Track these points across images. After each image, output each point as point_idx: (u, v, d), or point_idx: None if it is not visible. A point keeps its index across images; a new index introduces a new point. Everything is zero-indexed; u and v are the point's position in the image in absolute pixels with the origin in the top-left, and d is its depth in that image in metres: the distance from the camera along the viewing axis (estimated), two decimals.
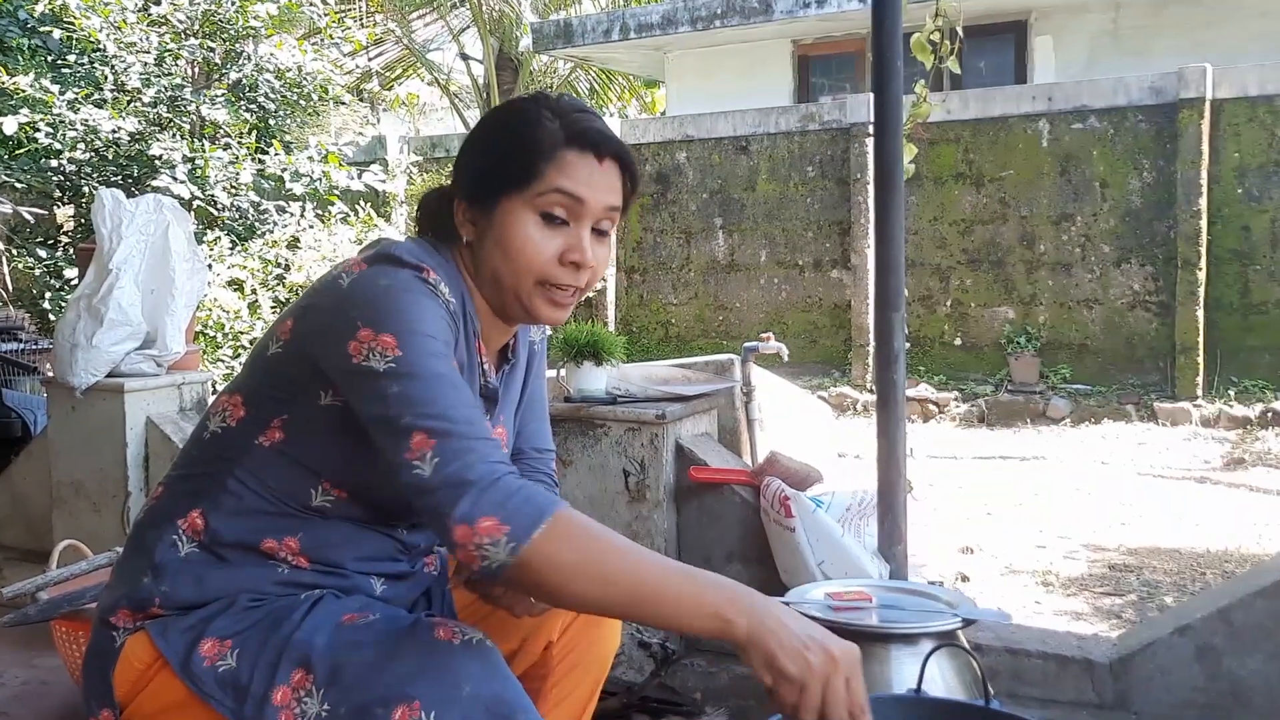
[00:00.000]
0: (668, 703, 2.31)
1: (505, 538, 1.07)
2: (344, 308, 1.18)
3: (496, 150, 1.29)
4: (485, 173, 1.29)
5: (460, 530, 1.07)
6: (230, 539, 1.25)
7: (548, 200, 1.25)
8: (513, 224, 1.26)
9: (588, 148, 1.27)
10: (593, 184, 1.27)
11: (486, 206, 1.28)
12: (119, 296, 3.06)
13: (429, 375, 1.14)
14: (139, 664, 1.22)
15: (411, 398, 1.12)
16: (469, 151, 1.33)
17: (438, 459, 1.09)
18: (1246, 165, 7.33)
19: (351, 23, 8.46)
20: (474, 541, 1.07)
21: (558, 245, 1.26)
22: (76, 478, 3.25)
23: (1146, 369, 7.65)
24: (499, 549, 1.07)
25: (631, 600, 1.08)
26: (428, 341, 1.16)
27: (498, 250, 1.27)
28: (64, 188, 6.32)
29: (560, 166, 1.25)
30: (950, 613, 1.63)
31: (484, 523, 1.07)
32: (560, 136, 1.26)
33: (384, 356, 1.14)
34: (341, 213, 7.63)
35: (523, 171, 1.25)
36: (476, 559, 1.07)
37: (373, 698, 1.11)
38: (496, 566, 1.07)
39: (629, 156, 1.31)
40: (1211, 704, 2.10)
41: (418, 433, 1.10)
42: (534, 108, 1.30)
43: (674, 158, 9.14)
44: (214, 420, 1.30)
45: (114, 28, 6.15)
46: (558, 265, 1.27)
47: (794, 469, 2.40)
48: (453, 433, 1.11)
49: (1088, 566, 4.03)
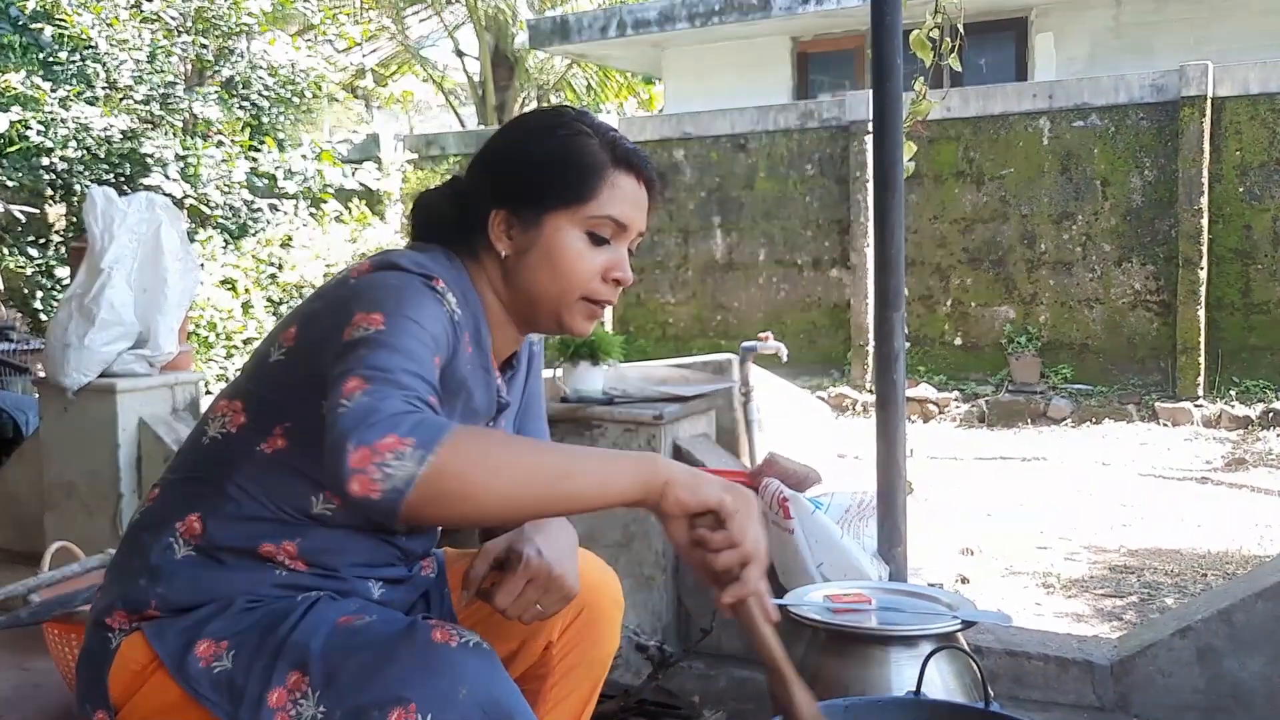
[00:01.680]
0: (665, 706, 2.29)
1: (410, 449, 0.99)
2: (345, 303, 1.18)
3: (545, 165, 1.30)
4: (536, 188, 1.29)
5: (358, 454, 0.98)
6: (228, 543, 1.24)
7: (598, 223, 1.30)
8: (561, 241, 1.29)
9: (632, 170, 1.32)
10: (637, 208, 1.33)
11: (531, 221, 1.29)
12: (111, 296, 3.04)
13: (398, 347, 1.10)
14: (134, 665, 1.22)
15: (367, 357, 1.08)
16: (505, 159, 1.33)
17: (364, 398, 1.04)
18: (1248, 163, 7.32)
19: (345, 19, 8.45)
20: (374, 460, 0.98)
21: (602, 263, 1.31)
22: (69, 479, 3.23)
23: (1148, 369, 7.64)
24: (404, 462, 0.98)
25: (554, 481, 1.07)
26: (414, 326, 1.14)
27: (544, 265, 1.29)
28: (55, 186, 6.30)
29: (611, 189, 1.30)
30: (950, 615, 1.63)
31: (385, 440, 0.99)
32: (608, 157, 1.30)
33: (367, 330, 1.12)
34: (335, 211, 7.62)
35: (577, 190, 1.28)
36: (378, 483, 0.98)
37: (369, 700, 1.10)
38: (402, 483, 0.98)
39: (657, 181, 1.37)
40: (1212, 706, 2.09)
41: (354, 378, 1.05)
42: (575, 124, 1.32)
43: (672, 156, 9.12)
44: (213, 425, 1.29)
45: (106, 24, 6.14)
46: (602, 282, 1.31)
47: (793, 470, 2.38)
48: (389, 379, 1.06)
49: (1088, 568, 4.02)
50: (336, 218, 7.62)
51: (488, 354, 1.32)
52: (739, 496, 1.11)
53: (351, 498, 1.00)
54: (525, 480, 1.06)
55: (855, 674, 1.56)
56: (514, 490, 1.05)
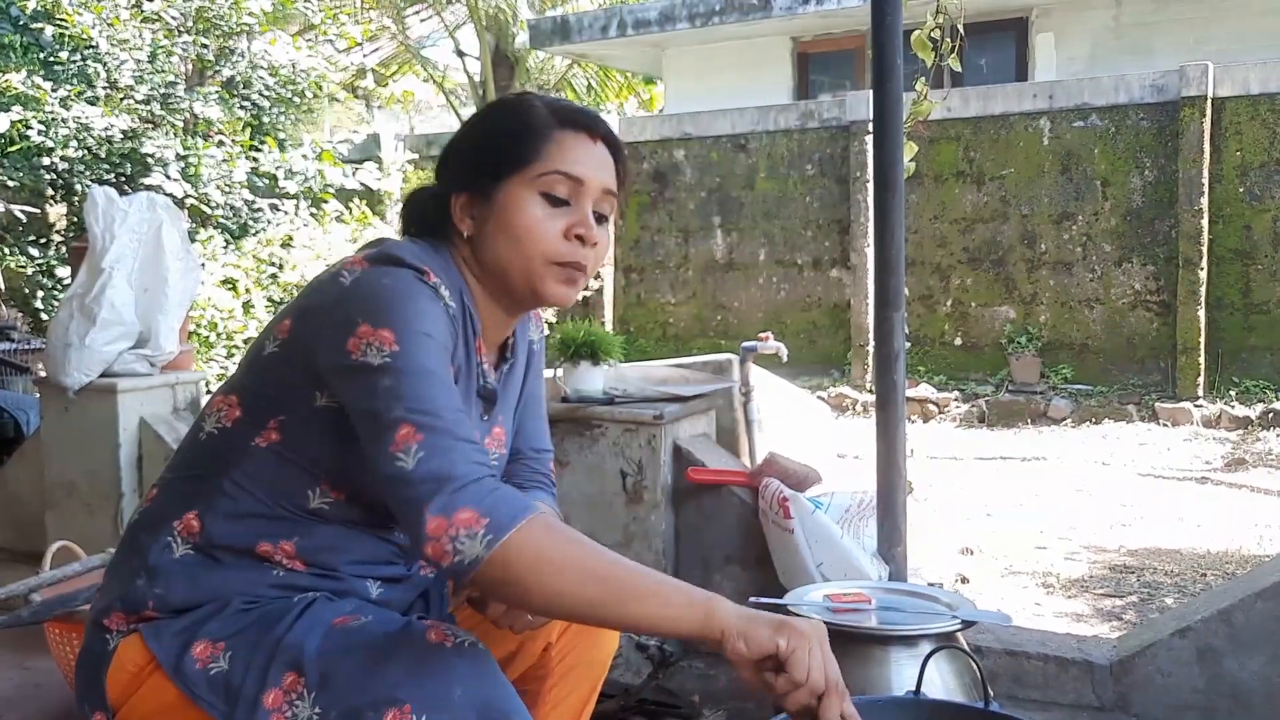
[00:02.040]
0: (665, 705, 2.29)
1: (484, 530, 1.06)
2: (344, 305, 1.18)
3: (491, 138, 1.31)
4: (481, 161, 1.29)
5: (435, 522, 1.06)
6: (225, 541, 1.24)
7: (549, 181, 1.26)
8: (516, 206, 1.27)
9: (580, 127, 1.30)
10: (590, 162, 1.29)
11: (486, 193, 1.28)
12: (112, 296, 3.04)
13: (422, 371, 1.13)
14: (132, 667, 1.22)
15: (402, 392, 1.12)
16: (459, 146, 1.34)
17: (422, 453, 1.09)
18: (1248, 164, 7.32)
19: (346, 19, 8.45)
20: (449, 533, 1.05)
21: (562, 223, 1.27)
22: (69, 479, 3.23)
23: (1148, 369, 7.63)
24: (475, 541, 1.05)
25: (610, 600, 1.07)
26: (425, 340, 1.16)
27: (502, 235, 1.27)
28: (56, 186, 6.30)
29: (558, 145, 1.27)
30: (950, 614, 1.63)
31: (462, 514, 1.06)
32: (552, 119, 1.29)
33: (381, 351, 1.13)
34: (336, 211, 7.62)
35: (521, 153, 1.27)
36: (449, 554, 1.05)
37: (364, 701, 1.10)
38: (470, 561, 1.05)
39: (616, 138, 1.34)
40: (1212, 706, 2.09)
41: (405, 425, 1.10)
42: (519, 98, 1.33)
43: (672, 156, 9.12)
44: (209, 421, 1.29)
45: (106, 24, 6.13)
46: (564, 241, 1.27)
47: (793, 470, 2.39)
48: (439, 429, 1.10)
49: (1088, 568, 4.02)
50: (337, 218, 7.62)
51: (474, 340, 1.32)
52: (794, 635, 1.07)
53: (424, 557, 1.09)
54: (582, 591, 1.07)
55: (855, 673, 1.56)
56: (570, 597, 1.08)
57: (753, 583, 2.42)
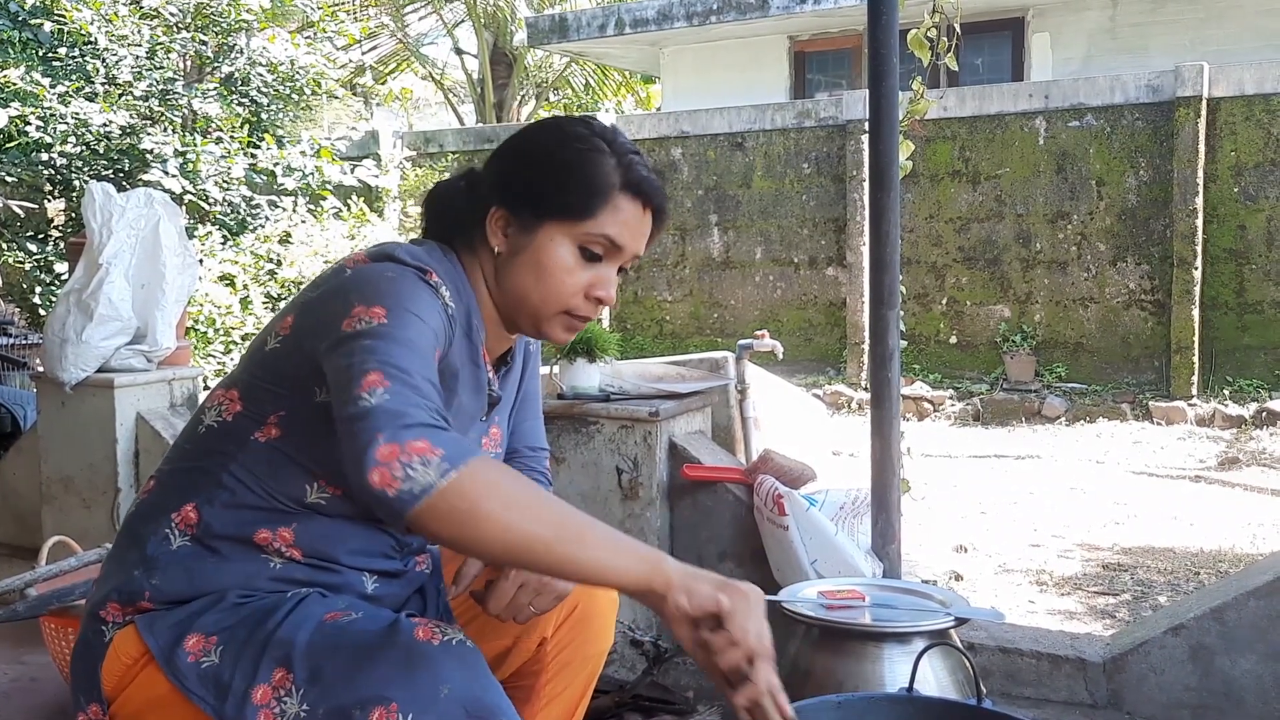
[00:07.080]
0: (660, 701, 2.30)
1: (438, 459, 1.02)
2: (343, 293, 1.19)
3: (554, 176, 1.30)
4: (539, 195, 1.29)
5: (387, 449, 1.02)
6: (223, 531, 1.24)
7: (592, 240, 1.29)
8: (551, 250, 1.29)
9: (639, 196, 1.31)
10: (635, 233, 1.32)
11: (527, 224, 1.30)
12: (109, 291, 3.04)
13: (405, 340, 1.13)
14: (126, 658, 1.22)
15: (379, 350, 1.11)
16: (521, 165, 1.33)
17: (387, 396, 1.06)
18: (1243, 164, 7.33)
19: (345, 16, 8.45)
20: (400, 459, 1.02)
21: (587, 279, 1.31)
22: (66, 473, 3.23)
23: (1142, 368, 7.65)
24: (429, 468, 1.02)
25: (560, 539, 1.06)
26: (415, 319, 1.16)
27: (529, 270, 1.29)
28: (54, 181, 6.29)
29: (613, 211, 1.29)
30: (943, 611, 1.63)
31: (415, 444, 1.03)
32: (618, 180, 1.29)
33: (369, 323, 1.14)
34: (334, 208, 7.61)
35: (578, 207, 1.28)
36: (398, 480, 1.01)
37: (351, 699, 1.11)
38: (420, 489, 1.01)
39: (667, 209, 1.37)
40: (1204, 704, 2.10)
41: (375, 373, 1.08)
42: (593, 139, 1.31)
43: (669, 154, 9.12)
44: (209, 414, 1.30)
45: (105, 20, 6.13)
46: (583, 299, 1.31)
47: (788, 467, 2.39)
48: (410, 384, 1.09)
49: (1082, 566, 4.03)
50: (335, 214, 7.62)
51: (479, 348, 1.33)
52: (736, 594, 1.09)
53: (366, 488, 1.02)
54: (532, 527, 1.05)
55: (848, 670, 1.57)
56: (519, 532, 1.05)
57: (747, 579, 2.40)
